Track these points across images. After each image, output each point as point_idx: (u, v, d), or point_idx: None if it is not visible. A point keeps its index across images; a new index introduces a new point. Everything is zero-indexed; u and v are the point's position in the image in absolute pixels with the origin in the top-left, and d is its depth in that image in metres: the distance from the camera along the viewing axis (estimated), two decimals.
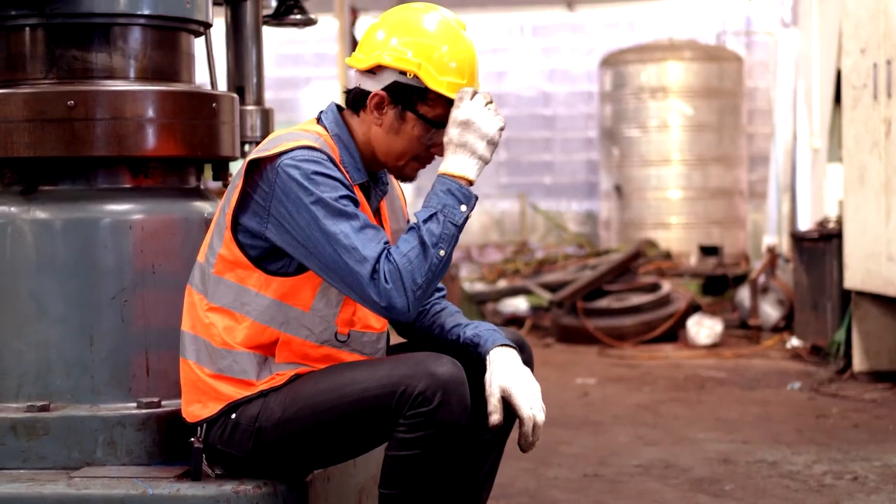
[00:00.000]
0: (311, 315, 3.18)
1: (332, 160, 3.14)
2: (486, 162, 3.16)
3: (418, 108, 3.20)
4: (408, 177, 3.33)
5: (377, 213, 3.36)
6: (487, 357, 3.23)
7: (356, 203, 3.13)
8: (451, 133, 3.16)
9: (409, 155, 3.26)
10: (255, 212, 3.14)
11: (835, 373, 8.28)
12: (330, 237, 3.05)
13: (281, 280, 3.16)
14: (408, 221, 3.52)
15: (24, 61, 3.62)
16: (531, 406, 3.16)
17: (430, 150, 3.26)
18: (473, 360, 3.25)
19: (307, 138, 3.18)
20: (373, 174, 3.34)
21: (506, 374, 3.18)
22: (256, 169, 3.15)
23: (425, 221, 3.07)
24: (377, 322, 3.27)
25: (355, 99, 3.27)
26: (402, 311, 3.03)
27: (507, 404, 3.16)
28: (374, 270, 3.02)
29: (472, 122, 3.14)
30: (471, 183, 3.15)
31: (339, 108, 3.33)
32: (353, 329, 3.24)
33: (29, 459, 3.41)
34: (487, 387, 3.18)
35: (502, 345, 3.25)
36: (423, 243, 3.04)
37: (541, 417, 3.17)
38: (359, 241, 3.05)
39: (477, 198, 3.16)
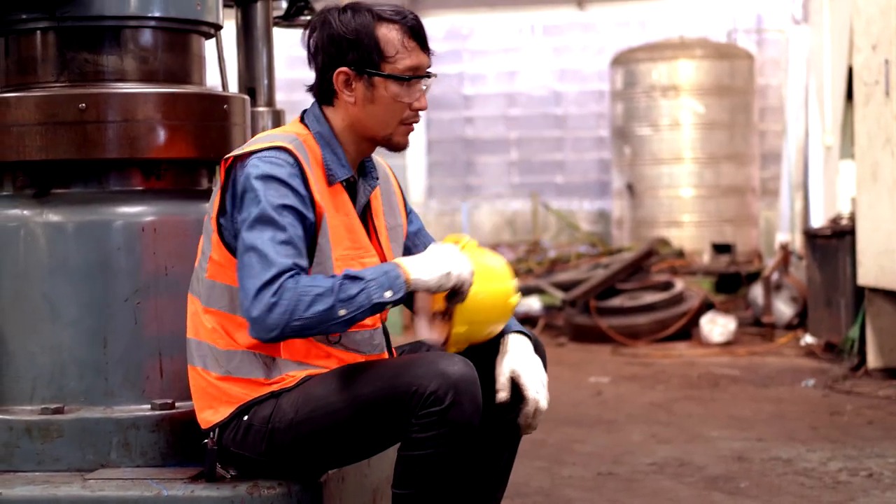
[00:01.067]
0: None
1: (298, 164, 3.13)
2: (432, 284, 3.07)
3: (382, 68, 3.20)
4: (400, 144, 3.29)
5: (366, 207, 3.34)
6: (503, 339, 3.27)
7: (302, 218, 3.10)
8: (438, 255, 3.12)
9: (393, 120, 3.24)
10: (227, 210, 3.16)
11: (849, 370, 8.27)
12: (248, 240, 3.05)
13: None
14: (406, 217, 3.52)
15: (36, 64, 3.63)
16: (537, 390, 3.22)
17: (412, 107, 3.25)
18: (485, 352, 3.25)
19: (282, 139, 3.18)
20: (361, 166, 3.33)
21: (518, 357, 3.24)
22: (231, 168, 3.17)
23: (351, 278, 3.02)
24: (368, 319, 3.23)
25: (324, 89, 3.28)
26: (266, 329, 2.99)
27: (515, 386, 3.21)
28: (273, 279, 2.99)
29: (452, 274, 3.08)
30: (408, 283, 3.06)
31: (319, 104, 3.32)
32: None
33: (44, 462, 3.42)
34: (498, 366, 3.24)
35: (519, 332, 3.31)
36: (332, 292, 2.99)
37: (544, 403, 3.23)
38: (272, 250, 3.02)
39: (403, 298, 3.07)
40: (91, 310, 3.50)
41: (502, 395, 3.20)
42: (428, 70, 3.26)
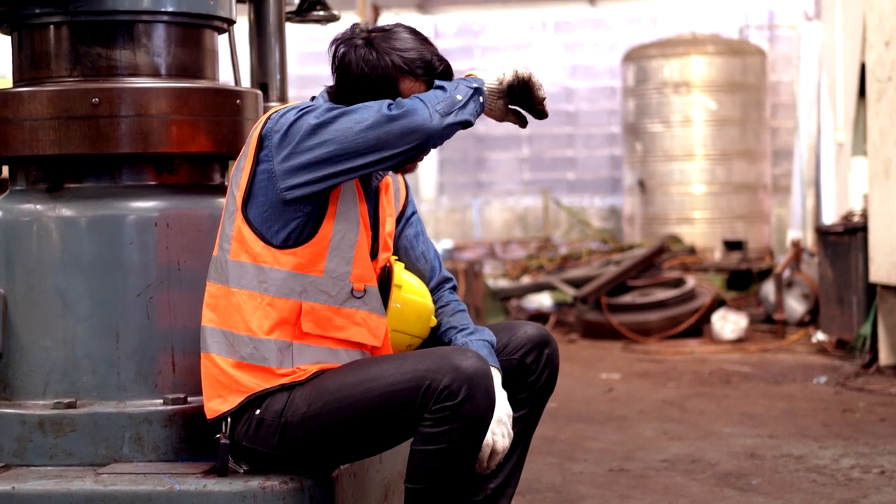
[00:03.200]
0: (326, 278, 3.19)
1: None
2: (496, 88, 3.27)
3: None
4: (406, 169, 3.36)
5: (376, 192, 3.37)
6: None
7: None
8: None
9: None
10: (265, 176, 3.17)
11: (861, 367, 8.26)
12: (341, 120, 3.10)
13: (291, 251, 3.17)
14: (403, 211, 3.53)
15: (49, 59, 3.63)
16: (494, 432, 3.17)
17: None
18: None
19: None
20: None
21: None
22: (257, 137, 3.20)
23: (437, 86, 3.16)
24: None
25: (339, 97, 3.29)
26: (428, 119, 3.08)
27: None
28: (392, 104, 3.10)
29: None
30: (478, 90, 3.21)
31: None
32: (368, 284, 3.25)
33: (56, 456, 3.42)
34: None
35: (492, 367, 3.23)
36: (440, 91, 3.14)
37: (501, 444, 3.19)
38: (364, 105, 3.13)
39: (482, 90, 3.21)
40: (104, 304, 3.50)
41: None
42: None
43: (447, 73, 3.25)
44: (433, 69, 3.22)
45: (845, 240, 8.98)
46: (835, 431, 6.19)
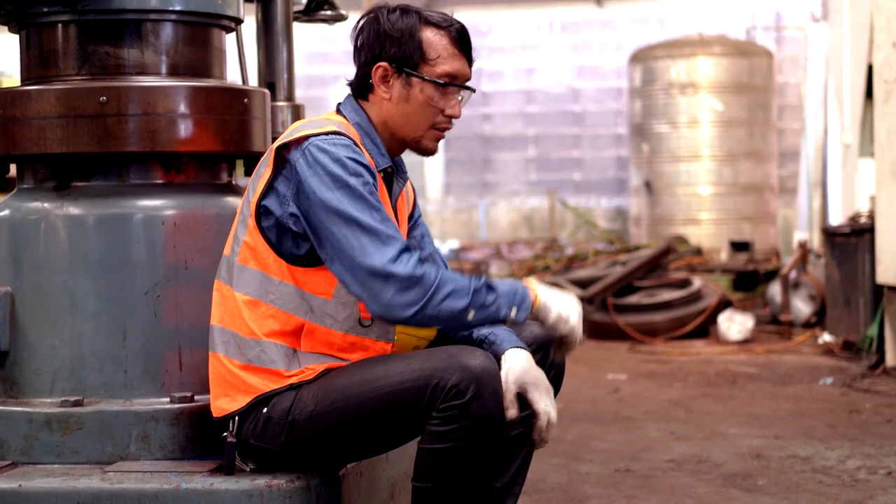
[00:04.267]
0: (334, 303, 3.18)
1: (357, 145, 3.17)
2: (552, 317, 3.22)
3: (421, 69, 3.21)
4: (429, 149, 3.31)
5: (396, 202, 3.37)
6: (503, 356, 3.21)
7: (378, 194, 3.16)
8: (566, 298, 3.26)
9: (424, 123, 3.26)
10: (278, 197, 3.16)
11: (867, 368, 8.25)
12: (351, 220, 3.06)
13: (302, 269, 3.17)
14: (411, 213, 3.52)
15: (57, 58, 3.63)
16: (546, 403, 3.17)
17: (444, 113, 3.26)
18: None
19: (332, 125, 3.20)
20: (394, 160, 3.35)
21: (522, 371, 3.15)
22: (282, 154, 3.17)
23: (488, 287, 3.10)
24: None
25: (361, 83, 3.29)
26: (403, 305, 3.03)
27: (523, 400, 3.16)
28: (402, 253, 3.04)
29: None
30: (535, 306, 3.17)
31: (355, 98, 3.34)
32: None
33: (63, 454, 3.42)
34: (503, 383, 3.14)
35: (518, 346, 3.24)
36: (468, 294, 3.07)
37: (554, 415, 3.19)
38: (382, 226, 3.07)
39: (524, 321, 3.16)
40: (111, 303, 3.50)
41: (512, 412, 3.11)
42: (467, 83, 3.27)
43: (464, 34, 3.26)
44: (452, 24, 3.23)
45: (852, 241, 8.97)
46: (841, 432, 6.18)
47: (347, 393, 3.09)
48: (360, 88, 3.30)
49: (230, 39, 3.98)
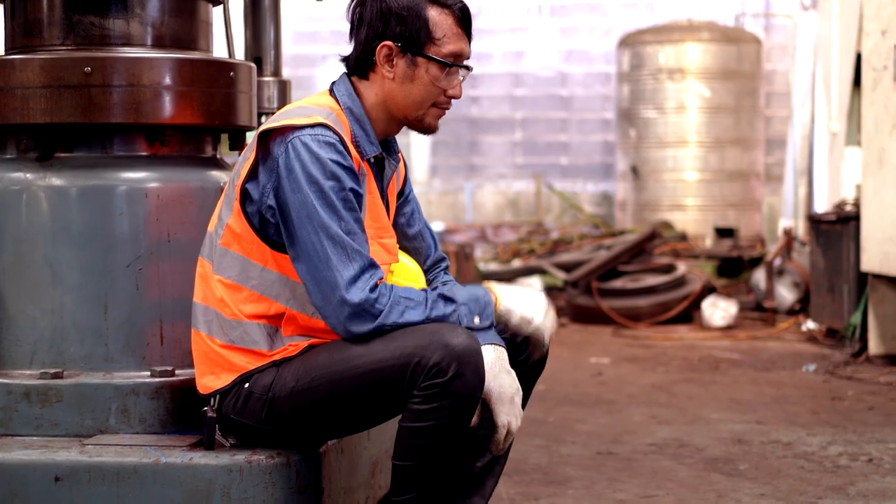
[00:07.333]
0: None
1: (342, 141, 3.12)
2: (514, 321, 3.20)
3: (427, 49, 3.18)
4: (430, 127, 3.29)
5: (386, 187, 3.34)
6: None
7: (358, 197, 3.11)
8: (530, 296, 3.24)
9: (427, 102, 3.23)
10: (258, 185, 3.13)
11: (850, 356, 8.25)
12: (320, 227, 3.04)
13: (285, 256, 3.14)
14: (402, 189, 3.49)
15: (42, 27, 3.61)
16: (506, 415, 3.10)
17: (447, 94, 3.23)
18: None
19: (318, 113, 3.15)
20: (385, 144, 3.32)
21: (490, 377, 3.07)
22: (266, 140, 3.14)
23: (444, 298, 3.08)
24: None
25: (362, 61, 3.23)
26: (364, 320, 3.03)
27: (486, 407, 3.11)
28: (363, 272, 3.03)
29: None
30: (496, 311, 3.16)
31: (349, 76, 3.29)
32: None
33: (42, 426, 3.40)
34: None
35: (491, 343, 3.13)
36: (425, 307, 3.06)
37: (515, 424, 3.13)
38: (348, 239, 3.04)
39: (490, 327, 3.12)
40: (92, 275, 3.48)
41: (474, 419, 3.07)
42: (467, 62, 3.24)
43: (466, 13, 3.23)
44: (456, 2, 3.19)
45: (837, 229, 8.97)
46: (823, 419, 6.19)
47: (328, 370, 3.07)
48: (360, 66, 3.24)
49: (217, 13, 3.95)
